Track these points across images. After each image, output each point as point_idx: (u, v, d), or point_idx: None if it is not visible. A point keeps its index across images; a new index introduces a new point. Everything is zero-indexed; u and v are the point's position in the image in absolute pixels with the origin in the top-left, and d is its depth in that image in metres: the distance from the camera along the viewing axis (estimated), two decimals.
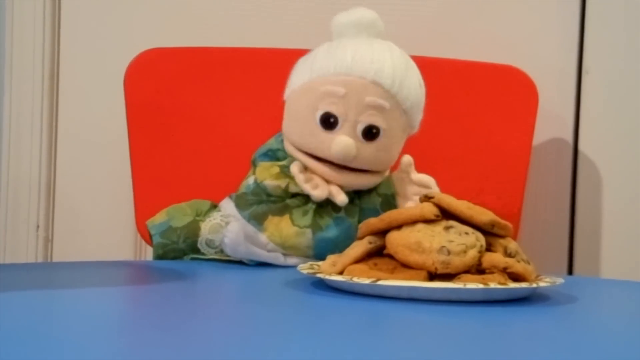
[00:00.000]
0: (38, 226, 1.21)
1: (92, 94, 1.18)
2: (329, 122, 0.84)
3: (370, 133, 0.84)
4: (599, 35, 1.14)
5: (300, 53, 0.89)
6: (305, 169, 0.86)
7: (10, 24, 1.20)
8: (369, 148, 0.84)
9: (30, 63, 1.19)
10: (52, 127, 1.20)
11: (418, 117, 0.88)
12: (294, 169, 0.85)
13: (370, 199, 0.88)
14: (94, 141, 1.18)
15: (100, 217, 1.19)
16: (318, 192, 0.84)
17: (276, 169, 0.86)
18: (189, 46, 1.07)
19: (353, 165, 0.85)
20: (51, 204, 1.21)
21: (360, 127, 0.84)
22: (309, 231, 0.85)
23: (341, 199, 0.84)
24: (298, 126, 0.86)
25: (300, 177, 0.84)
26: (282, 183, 0.85)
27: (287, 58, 0.89)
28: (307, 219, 0.85)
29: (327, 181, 0.85)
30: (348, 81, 0.84)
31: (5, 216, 1.21)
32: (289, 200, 0.85)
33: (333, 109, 0.84)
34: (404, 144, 0.89)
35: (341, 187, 0.85)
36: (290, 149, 0.87)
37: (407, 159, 0.87)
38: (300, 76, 0.87)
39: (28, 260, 1.20)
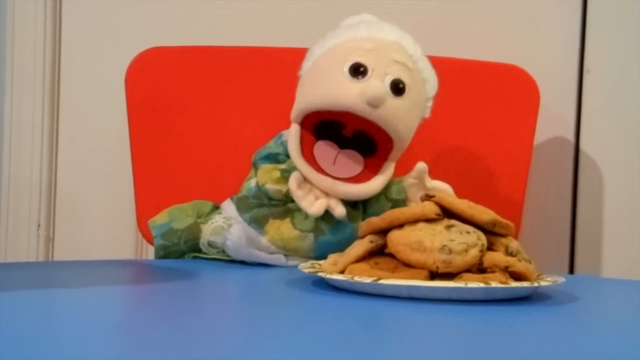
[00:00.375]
0: (39, 225, 1.21)
1: (93, 93, 1.18)
2: (358, 70, 0.83)
3: (398, 87, 0.83)
4: (600, 34, 1.13)
5: (302, 52, 0.89)
6: (305, 179, 0.85)
7: (11, 23, 1.20)
8: (395, 102, 0.83)
9: (31, 63, 1.19)
10: (53, 126, 1.20)
11: (431, 96, 0.88)
12: (292, 184, 0.83)
13: (379, 204, 0.87)
14: (95, 140, 1.18)
15: (101, 216, 1.19)
16: (315, 209, 0.83)
17: (277, 173, 0.86)
18: (190, 45, 1.07)
19: (376, 117, 0.82)
20: (52, 203, 1.21)
21: (388, 79, 0.83)
22: (310, 235, 0.84)
23: (339, 211, 0.84)
24: (323, 84, 0.85)
25: (297, 194, 0.83)
26: (283, 188, 0.85)
27: (288, 57, 0.89)
28: (309, 223, 0.84)
29: (327, 193, 0.84)
30: (375, 39, 0.85)
31: (7, 215, 1.21)
32: (290, 204, 0.85)
33: (363, 60, 0.83)
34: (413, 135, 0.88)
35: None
36: (293, 156, 0.85)
37: (422, 165, 0.87)
38: (321, 47, 0.87)
39: (29, 259, 1.20)
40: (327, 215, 0.84)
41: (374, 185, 0.86)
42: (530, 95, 1.06)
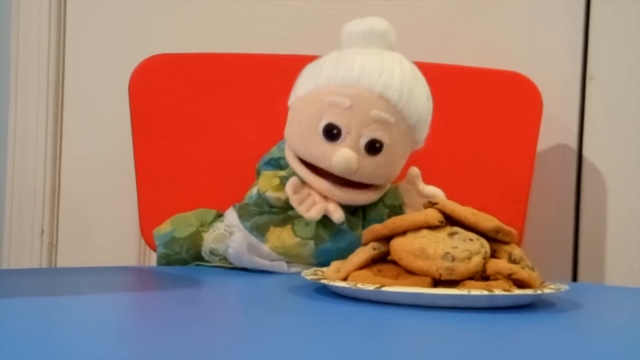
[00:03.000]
0: (43, 231, 1.21)
1: (97, 100, 1.19)
2: (332, 133, 0.82)
3: (374, 147, 0.82)
4: (604, 41, 1.14)
5: (306, 59, 0.89)
6: (304, 183, 0.84)
7: (15, 30, 1.20)
8: (371, 162, 0.82)
9: (35, 69, 1.20)
10: (57, 132, 1.20)
11: (424, 132, 0.87)
12: (288, 189, 0.83)
13: (377, 210, 0.87)
14: (98, 147, 1.18)
15: (105, 223, 1.19)
16: (312, 213, 0.82)
17: (277, 181, 0.85)
18: (194, 52, 1.07)
19: (354, 179, 0.83)
20: (56, 209, 1.21)
21: (363, 141, 0.82)
22: (311, 242, 0.84)
23: (338, 216, 0.83)
24: (301, 134, 0.84)
25: (293, 199, 0.82)
26: (283, 195, 0.84)
27: (293, 64, 0.89)
28: (309, 230, 0.84)
29: (325, 197, 0.84)
30: (354, 93, 0.82)
31: (10, 221, 1.21)
32: (290, 211, 0.85)
33: (337, 120, 0.81)
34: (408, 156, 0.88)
35: (340, 203, 0.84)
36: (290, 159, 0.85)
37: (415, 171, 0.86)
38: (306, 84, 0.85)
39: (32, 265, 1.20)
40: (327, 222, 0.84)
41: (373, 193, 0.86)
42: (533, 103, 1.06)
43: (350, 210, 0.85)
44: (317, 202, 0.83)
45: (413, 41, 0.92)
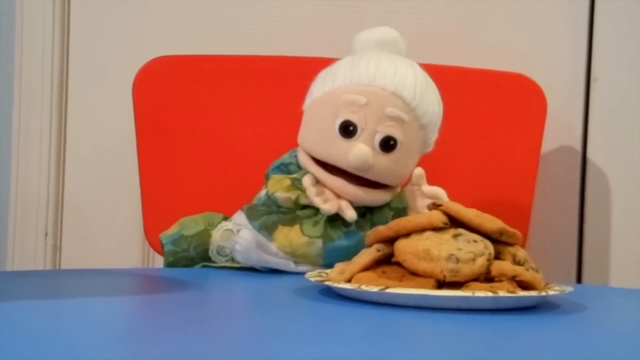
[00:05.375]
0: (46, 234, 1.21)
1: (101, 102, 1.19)
2: (347, 130, 0.84)
3: (388, 144, 0.84)
4: (608, 43, 1.13)
5: (310, 61, 0.89)
6: (317, 182, 0.86)
7: (19, 32, 1.20)
8: (385, 159, 0.84)
9: (39, 72, 1.20)
10: (61, 135, 1.21)
11: (434, 135, 0.89)
12: (306, 181, 0.85)
13: (382, 213, 0.88)
14: (102, 149, 1.19)
15: (109, 225, 1.19)
16: (328, 206, 0.84)
17: (287, 182, 0.86)
18: (198, 54, 1.07)
19: (368, 176, 0.85)
20: (60, 211, 1.21)
21: (378, 138, 0.84)
22: (319, 241, 0.85)
23: (350, 214, 0.84)
24: (316, 134, 0.86)
25: (311, 190, 0.84)
26: (293, 195, 0.85)
27: (297, 67, 0.89)
28: (318, 230, 0.85)
29: (338, 196, 0.85)
30: (369, 91, 0.84)
31: (14, 224, 1.21)
32: (299, 211, 0.85)
33: (353, 118, 0.84)
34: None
35: (352, 202, 0.85)
36: (304, 161, 0.87)
37: (419, 171, 0.87)
38: (322, 85, 0.87)
39: (36, 267, 1.20)
40: (335, 223, 0.85)
41: (384, 193, 0.87)
42: (538, 104, 1.06)
43: (359, 213, 0.86)
44: (330, 199, 0.85)
45: (418, 43, 0.92)
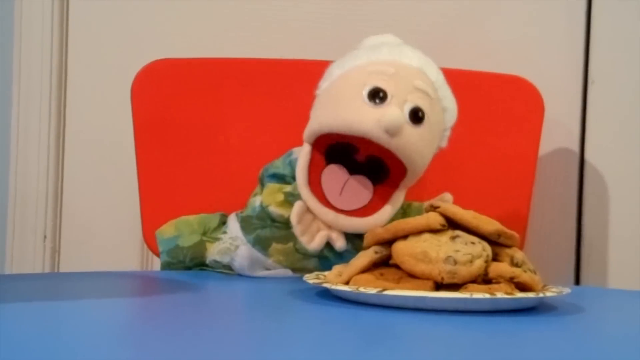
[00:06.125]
0: (45, 237, 1.21)
1: (100, 104, 1.19)
2: (378, 95, 0.80)
3: (417, 116, 0.80)
4: (605, 44, 1.14)
5: (309, 64, 0.89)
6: (307, 209, 0.83)
7: (18, 35, 1.20)
8: (414, 131, 0.80)
9: (37, 74, 1.20)
10: (59, 137, 1.21)
11: (450, 125, 0.86)
12: (293, 218, 0.81)
13: None
14: (101, 152, 1.19)
15: (107, 228, 1.19)
16: (314, 245, 0.82)
17: (281, 197, 0.84)
18: (197, 57, 1.07)
19: (392, 146, 0.80)
20: (58, 214, 1.21)
21: (408, 106, 0.80)
22: (314, 259, 0.84)
23: (340, 245, 0.83)
24: (338, 107, 0.82)
25: (297, 229, 0.81)
26: (286, 213, 0.83)
27: (296, 69, 0.89)
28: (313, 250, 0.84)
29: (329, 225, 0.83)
30: (398, 63, 0.82)
31: (13, 227, 1.21)
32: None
33: (383, 85, 0.80)
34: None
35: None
36: (299, 184, 0.83)
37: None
38: (341, 67, 0.84)
39: (35, 270, 1.20)
40: (331, 245, 0.84)
41: (380, 218, 0.83)
42: (535, 107, 1.06)
43: (358, 234, 0.83)
44: (320, 228, 0.83)
45: (415, 45, 0.92)
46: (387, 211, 0.84)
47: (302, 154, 0.84)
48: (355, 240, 0.83)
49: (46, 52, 1.19)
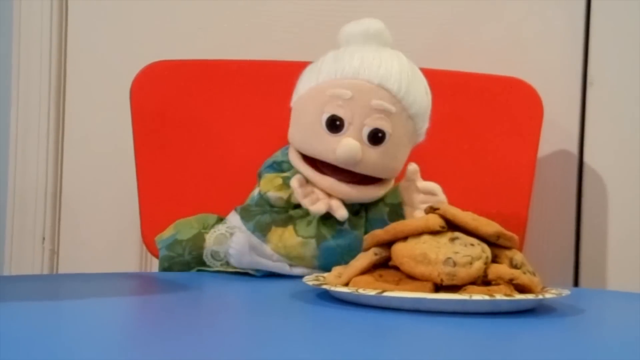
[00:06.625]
0: (44, 238, 1.21)
1: (99, 106, 1.19)
2: (334, 125, 0.83)
3: (376, 137, 0.83)
4: (604, 46, 1.14)
5: (307, 65, 0.89)
6: (307, 182, 0.85)
7: (17, 36, 1.20)
8: (375, 153, 0.84)
9: (37, 75, 1.20)
10: (58, 139, 1.21)
11: (424, 124, 0.88)
12: (294, 183, 0.84)
13: (377, 209, 0.88)
14: (100, 153, 1.19)
15: (106, 229, 1.19)
16: (316, 207, 0.83)
17: (279, 181, 0.86)
18: (196, 59, 1.07)
19: (357, 170, 0.84)
20: (57, 216, 1.21)
21: (366, 131, 0.83)
22: (312, 241, 0.85)
23: (341, 213, 0.84)
24: (304, 130, 0.86)
25: (299, 192, 0.83)
26: (285, 194, 0.85)
27: (294, 70, 0.89)
28: (311, 229, 0.85)
29: (329, 195, 0.85)
30: (355, 84, 0.83)
31: (12, 228, 1.21)
32: (292, 211, 0.85)
33: (339, 112, 0.83)
34: (410, 155, 0.89)
35: (343, 201, 0.85)
36: (294, 160, 0.86)
37: (413, 167, 0.87)
38: (307, 82, 0.87)
39: (34, 272, 1.20)
40: (328, 221, 0.85)
41: (375, 189, 0.86)
42: (534, 108, 1.06)
43: (352, 210, 0.86)
44: (321, 199, 0.84)
45: (413, 47, 0.92)
46: (383, 184, 0.87)
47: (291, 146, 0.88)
48: (352, 217, 0.85)
49: (45, 53, 1.19)
